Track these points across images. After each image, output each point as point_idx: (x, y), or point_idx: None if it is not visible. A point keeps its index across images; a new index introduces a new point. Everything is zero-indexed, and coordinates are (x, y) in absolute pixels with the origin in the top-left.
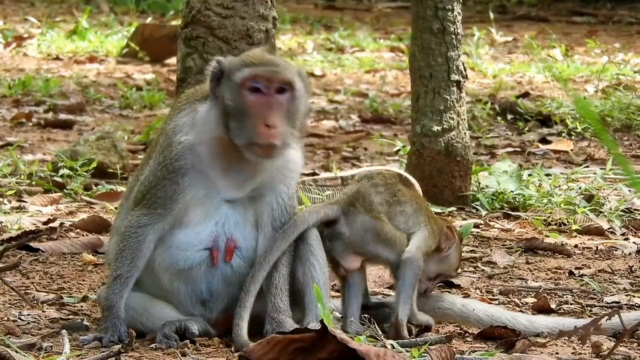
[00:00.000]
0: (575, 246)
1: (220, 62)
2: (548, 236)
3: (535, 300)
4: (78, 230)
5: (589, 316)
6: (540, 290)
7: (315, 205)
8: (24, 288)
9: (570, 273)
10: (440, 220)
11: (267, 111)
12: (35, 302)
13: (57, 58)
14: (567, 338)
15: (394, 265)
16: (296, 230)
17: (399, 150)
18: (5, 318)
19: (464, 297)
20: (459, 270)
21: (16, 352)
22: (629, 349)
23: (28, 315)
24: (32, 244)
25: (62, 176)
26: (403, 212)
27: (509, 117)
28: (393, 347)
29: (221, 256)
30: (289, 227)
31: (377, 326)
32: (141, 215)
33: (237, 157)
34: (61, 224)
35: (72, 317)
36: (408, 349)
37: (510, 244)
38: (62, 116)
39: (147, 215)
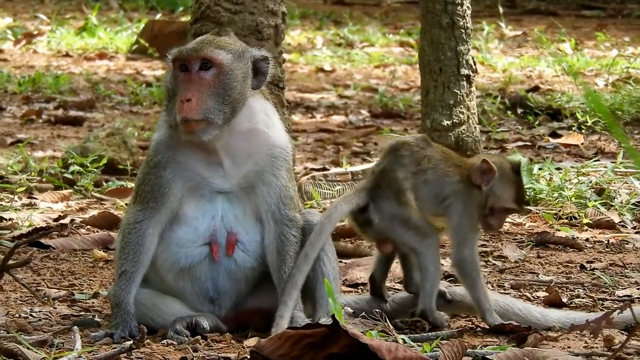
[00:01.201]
0: (587, 240)
1: (170, 52)
2: (559, 230)
3: (547, 294)
4: (89, 226)
5: (601, 310)
6: (551, 284)
7: (347, 194)
8: (35, 285)
9: (582, 267)
10: (478, 157)
11: (185, 87)
12: (46, 298)
13: (67, 55)
14: (579, 332)
15: (419, 253)
16: (332, 219)
17: None
18: (17, 315)
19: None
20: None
21: (28, 348)
22: None
23: (39, 311)
24: (42, 240)
25: (72, 173)
26: (426, 181)
27: (519, 111)
28: (404, 342)
29: (222, 251)
30: (326, 217)
31: (388, 321)
32: (137, 212)
33: (210, 145)
34: (72, 220)
35: (84, 313)
36: (420, 343)
37: (521, 238)
38: (72, 113)
39: (142, 211)
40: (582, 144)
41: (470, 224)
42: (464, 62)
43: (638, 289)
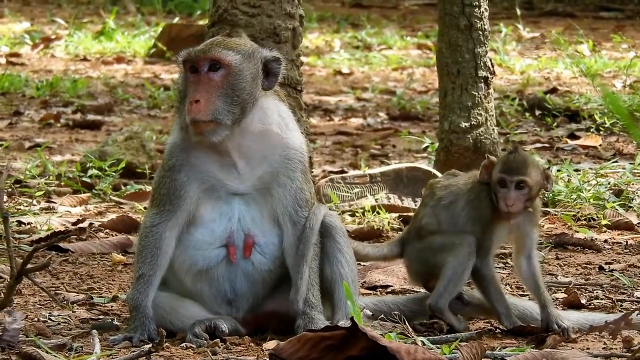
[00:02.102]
0: (605, 241)
1: (180, 54)
2: (578, 231)
3: (566, 295)
4: (107, 230)
5: (620, 311)
6: (570, 286)
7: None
8: (54, 288)
9: (601, 268)
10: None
11: (194, 88)
12: (65, 302)
13: (85, 59)
14: (597, 333)
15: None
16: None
17: (427, 147)
18: (36, 319)
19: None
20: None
21: (47, 352)
22: None
23: (58, 315)
24: (61, 244)
25: (90, 176)
26: (445, 207)
27: (537, 112)
28: (424, 344)
29: (240, 253)
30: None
31: (407, 323)
32: (153, 215)
33: (223, 147)
34: (90, 224)
35: (102, 317)
36: (438, 345)
37: (539, 240)
38: (90, 117)
39: (159, 214)
40: (600, 145)
41: (481, 233)
42: (482, 64)
43: None
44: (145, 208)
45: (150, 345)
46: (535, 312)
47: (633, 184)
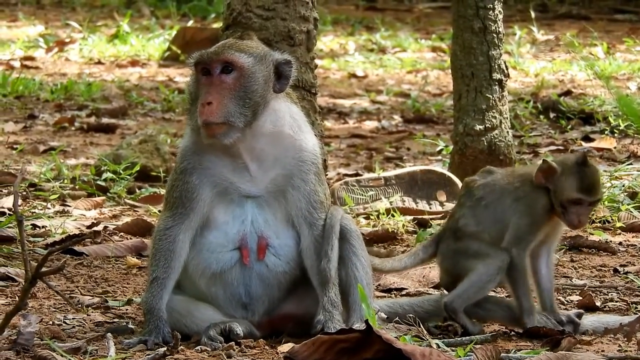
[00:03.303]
0: (620, 243)
1: (191, 56)
2: (592, 234)
3: (581, 298)
4: (122, 233)
5: (635, 313)
6: (585, 288)
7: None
8: (68, 292)
9: (615, 270)
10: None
11: (206, 90)
12: (80, 305)
13: (99, 62)
14: (612, 335)
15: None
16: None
17: (441, 149)
18: (51, 322)
19: (508, 297)
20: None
21: (62, 355)
22: None
23: (73, 319)
24: (76, 247)
25: (105, 180)
26: (486, 206)
27: (552, 115)
28: (438, 347)
29: (253, 255)
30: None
31: (422, 325)
32: (167, 218)
33: (235, 150)
34: (105, 227)
35: (117, 320)
36: (453, 348)
37: None
38: (105, 120)
39: (172, 217)
40: (614, 147)
41: (528, 225)
42: (496, 66)
43: None
44: (159, 211)
45: (165, 348)
46: None
47: None
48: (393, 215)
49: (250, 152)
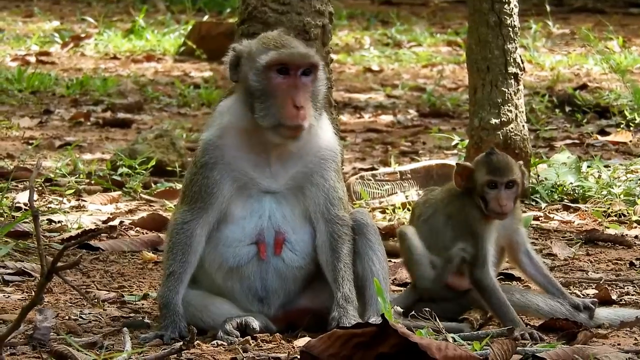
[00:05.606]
0: (636, 237)
1: (236, 48)
2: (608, 227)
3: (597, 291)
4: (138, 228)
5: None
6: (601, 282)
7: None
8: (84, 287)
9: (631, 264)
10: None
11: (295, 93)
12: (96, 300)
13: (115, 57)
14: (628, 329)
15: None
16: None
17: (457, 144)
18: (67, 317)
19: (524, 288)
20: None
21: (78, 350)
22: None
23: (89, 313)
24: (92, 242)
25: (121, 175)
26: (427, 222)
27: (567, 109)
28: (454, 340)
29: (270, 250)
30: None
31: (438, 319)
32: (184, 212)
33: (262, 146)
34: (121, 222)
35: (133, 315)
36: (470, 342)
37: (570, 236)
38: (120, 115)
39: (189, 211)
40: (630, 141)
41: (474, 245)
42: (512, 60)
43: None
44: (175, 206)
45: (181, 342)
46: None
47: None
48: (409, 210)
49: (278, 150)
